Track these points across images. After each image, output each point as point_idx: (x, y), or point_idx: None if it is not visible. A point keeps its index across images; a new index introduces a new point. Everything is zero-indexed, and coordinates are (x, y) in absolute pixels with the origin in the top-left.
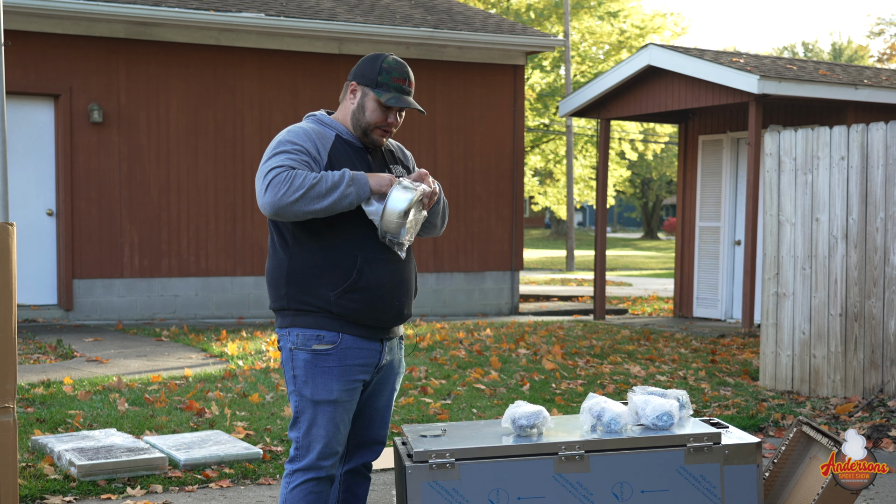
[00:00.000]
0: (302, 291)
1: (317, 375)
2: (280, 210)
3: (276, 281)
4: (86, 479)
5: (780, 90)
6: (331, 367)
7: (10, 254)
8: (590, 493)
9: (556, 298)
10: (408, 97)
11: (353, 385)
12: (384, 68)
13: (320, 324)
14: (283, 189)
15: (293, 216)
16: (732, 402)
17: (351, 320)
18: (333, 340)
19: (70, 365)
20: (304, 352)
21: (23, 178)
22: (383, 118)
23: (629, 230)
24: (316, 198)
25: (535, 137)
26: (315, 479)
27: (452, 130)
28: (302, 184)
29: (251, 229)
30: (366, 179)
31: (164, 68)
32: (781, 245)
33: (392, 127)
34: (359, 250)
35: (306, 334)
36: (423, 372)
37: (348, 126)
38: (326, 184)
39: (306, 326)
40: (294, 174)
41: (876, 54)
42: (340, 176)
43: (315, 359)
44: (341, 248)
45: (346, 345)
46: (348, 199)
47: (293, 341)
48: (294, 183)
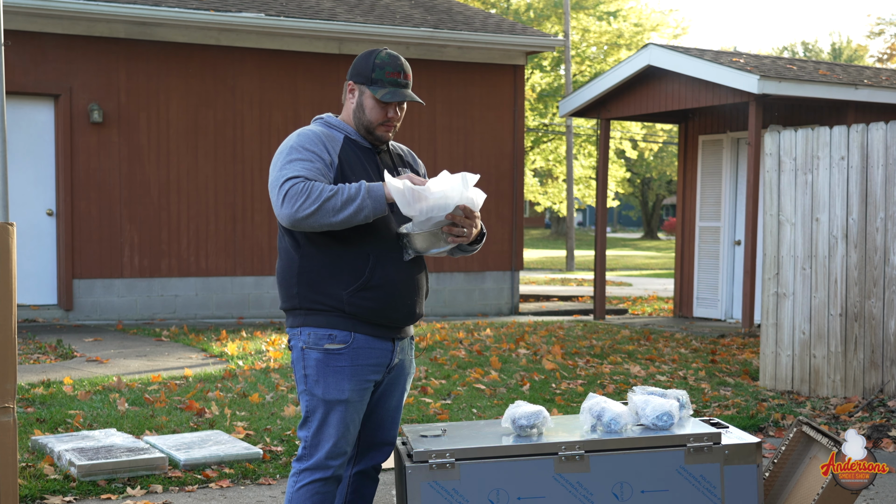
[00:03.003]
0: (314, 290)
1: (328, 375)
2: (297, 223)
3: (288, 280)
4: (86, 479)
5: (780, 90)
6: (343, 366)
7: (10, 254)
8: (590, 493)
9: (556, 298)
10: (404, 90)
11: (365, 385)
12: (377, 64)
13: (332, 323)
14: (300, 202)
15: (310, 228)
16: (732, 402)
17: (363, 319)
18: (346, 340)
19: (70, 365)
20: (316, 351)
21: (23, 178)
22: (383, 114)
23: (629, 230)
24: (331, 211)
25: (535, 137)
26: (322, 479)
27: (452, 130)
28: (318, 197)
29: (251, 229)
30: (382, 193)
31: (164, 68)
32: (781, 245)
33: (394, 121)
34: (371, 249)
35: (318, 333)
36: (423, 372)
37: (353, 126)
38: (343, 197)
39: (318, 326)
40: (311, 186)
41: (876, 54)
42: (357, 189)
43: (327, 358)
44: (354, 247)
45: (358, 344)
46: (364, 213)
47: (305, 340)
48: (311, 196)
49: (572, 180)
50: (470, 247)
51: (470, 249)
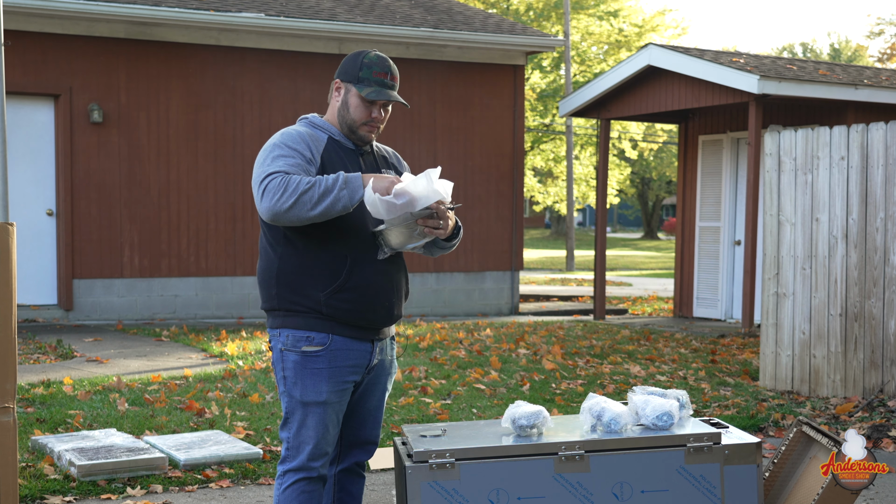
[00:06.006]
0: (292, 292)
1: (306, 377)
2: (277, 216)
3: (267, 281)
4: (86, 479)
5: (780, 90)
6: (320, 368)
7: (10, 254)
8: (590, 493)
9: (556, 298)
10: (389, 91)
11: (343, 386)
12: (365, 63)
13: (310, 325)
14: (278, 195)
15: (290, 222)
16: (732, 402)
17: (341, 321)
18: (323, 342)
19: (70, 365)
20: (294, 353)
21: (23, 178)
22: (367, 114)
23: (629, 230)
24: (309, 203)
25: (536, 137)
26: (306, 478)
27: (452, 130)
28: (295, 189)
29: (251, 229)
30: (359, 182)
31: (164, 68)
32: (781, 245)
33: (377, 122)
34: (349, 251)
35: (296, 335)
36: (423, 372)
37: (337, 126)
38: (320, 189)
39: (296, 328)
40: (288, 179)
41: (876, 54)
42: (334, 180)
43: (305, 360)
44: (331, 249)
45: (336, 346)
46: (341, 203)
47: (283, 342)
48: (288, 189)
49: (572, 180)
50: (446, 242)
51: (447, 245)
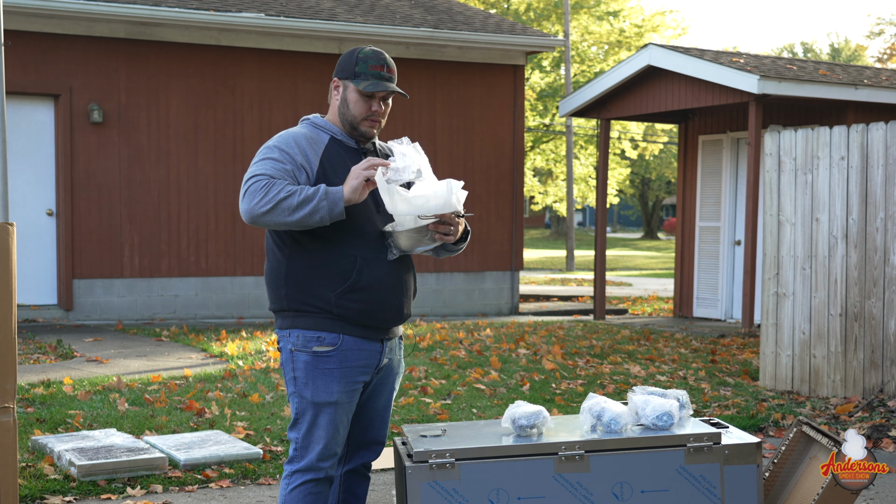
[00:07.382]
0: (301, 292)
1: (317, 377)
2: (254, 219)
3: (276, 282)
4: (86, 479)
5: (780, 90)
6: (331, 368)
7: (10, 254)
8: (590, 493)
9: (556, 298)
10: (387, 82)
11: (354, 387)
12: (360, 58)
13: (321, 325)
14: (258, 198)
15: (267, 226)
16: (732, 402)
17: (351, 321)
18: (334, 342)
19: (70, 365)
20: (305, 353)
21: (23, 178)
22: (367, 108)
23: (629, 230)
24: (286, 210)
25: (535, 137)
26: (314, 479)
27: (452, 130)
28: (276, 195)
29: (251, 229)
30: (340, 195)
31: (164, 68)
32: (781, 245)
33: (378, 115)
34: (358, 250)
35: (307, 336)
36: (423, 372)
37: (339, 125)
38: (299, 197)
39: (307, 328)
40: (271, 184)
41: (876, 54)
42: (314, 191)
43: (315, 360)
44: (340, 249)
45: (346, 346)
46: (319, 215)
47: (293, 343)
48: (269, 193)
49: (572, 180)
50: (455, 246)
51: (455, 249)
